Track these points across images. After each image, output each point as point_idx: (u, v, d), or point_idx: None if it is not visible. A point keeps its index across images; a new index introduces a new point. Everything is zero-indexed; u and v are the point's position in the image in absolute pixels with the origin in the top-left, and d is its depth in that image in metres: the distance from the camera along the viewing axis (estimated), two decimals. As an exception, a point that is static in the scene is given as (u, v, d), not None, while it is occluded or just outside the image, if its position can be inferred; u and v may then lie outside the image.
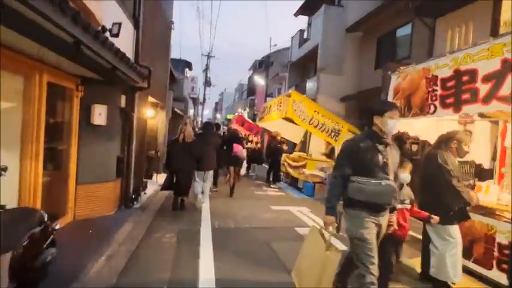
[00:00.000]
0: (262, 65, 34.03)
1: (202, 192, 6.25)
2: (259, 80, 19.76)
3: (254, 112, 27.24)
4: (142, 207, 5.90)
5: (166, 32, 9.51)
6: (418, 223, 3.50)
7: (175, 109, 11.73)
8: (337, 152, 9.89)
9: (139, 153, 6.65)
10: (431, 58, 4.05)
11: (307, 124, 7.95)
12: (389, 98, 4.36)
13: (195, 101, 24.12)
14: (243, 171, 9.75)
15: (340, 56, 13.06)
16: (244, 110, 29.00)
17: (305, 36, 16.43)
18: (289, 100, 7.85)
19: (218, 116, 57.27)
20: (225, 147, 7.40)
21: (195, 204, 6.06)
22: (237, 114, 19.99)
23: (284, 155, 10.03)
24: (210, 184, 6.62)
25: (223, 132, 10.66)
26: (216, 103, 65.47)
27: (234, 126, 15.18)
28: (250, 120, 18.43)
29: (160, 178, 9.41)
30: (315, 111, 8.02)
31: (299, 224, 5.58)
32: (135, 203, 5.95)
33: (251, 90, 34.58)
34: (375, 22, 11.39)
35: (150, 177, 8.87)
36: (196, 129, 12.24)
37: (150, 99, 7.77)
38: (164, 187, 6.09)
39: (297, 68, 17.65)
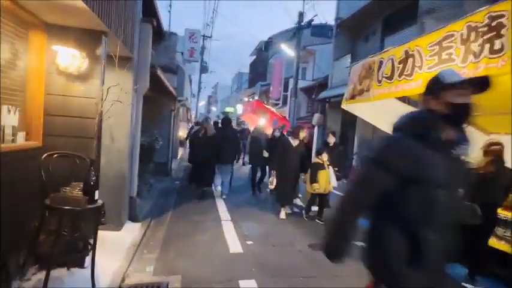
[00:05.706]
0: (269, 45, 28.09)
1: (222, 183, 6.49)
2: (287, 51, 13.17)
3: (265, 102, 21.43)
4: None
5: None
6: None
7: (162, 78, 5.56)
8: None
9: None
10: None
11: None
12: None
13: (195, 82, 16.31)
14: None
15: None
16: (252, 98, 22.75)
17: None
18: None
19: (214, 109, 50.82)
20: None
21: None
22: (253, 100, 13.91)
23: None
24: (229, 177, 6.65)
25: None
26: (209, 96, 58.79)
27: (247, 117, 11.18)
28: (273, 109, 12.61)
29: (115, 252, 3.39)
30: None
31: None
32: None
33: (256, 76, 28.47)
34: None
35: (80, 264, 2.88)
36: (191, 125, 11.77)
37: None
38: (190, 180, 6.76)
39: (348, 30, 11.69)
